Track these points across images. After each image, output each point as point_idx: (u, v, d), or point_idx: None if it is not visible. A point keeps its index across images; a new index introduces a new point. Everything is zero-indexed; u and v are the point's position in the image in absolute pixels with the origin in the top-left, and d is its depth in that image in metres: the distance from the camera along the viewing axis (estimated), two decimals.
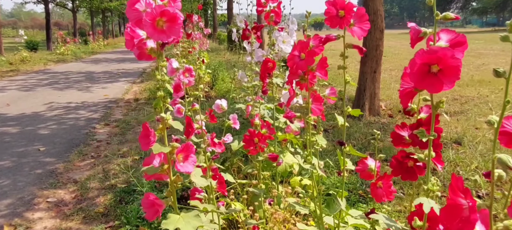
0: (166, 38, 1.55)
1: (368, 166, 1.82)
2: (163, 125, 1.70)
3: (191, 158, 1.74)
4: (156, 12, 1.51)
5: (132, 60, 21.24)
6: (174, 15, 1.53)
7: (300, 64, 1.81)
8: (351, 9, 1.69)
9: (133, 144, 5.75)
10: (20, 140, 6.15)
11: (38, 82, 12.90)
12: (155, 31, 1.53)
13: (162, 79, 1.66)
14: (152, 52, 1.64)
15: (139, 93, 10.38)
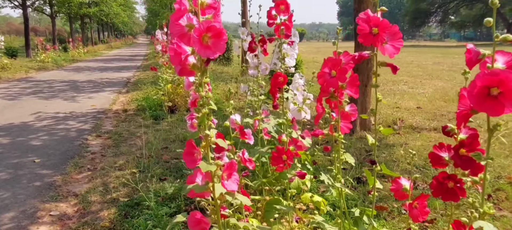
0: (212, 54, 1.59)
1: (402, 186, 1.88)
2: (206, 142, 1.74)
3: (234, 176, 1.79)
4: (203, 28, 1.56)
5: (114, 69, 21.18)
6: (220, 30, 1.58)
7: (331, 82, 1.86)
8: (386, 26, 1.72)
9: (129, 157, 5.77)
10: (13, 151, 6.14)
11: (21, 90, 12.83)
12: (202, 46, 1.58)
13: (206, 96, 1.71)
14: (194, 68, 1.68)
15: (127, 103, 10.37)
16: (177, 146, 6.14)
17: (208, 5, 1.66)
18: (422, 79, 14.66)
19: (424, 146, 5.84)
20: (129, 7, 66.66)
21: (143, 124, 7.69)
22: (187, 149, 1.73)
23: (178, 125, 7.48)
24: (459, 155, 1.54)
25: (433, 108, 8.78)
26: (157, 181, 4.72)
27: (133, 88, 13.44)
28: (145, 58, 31.09)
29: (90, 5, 43.15)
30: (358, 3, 6.39)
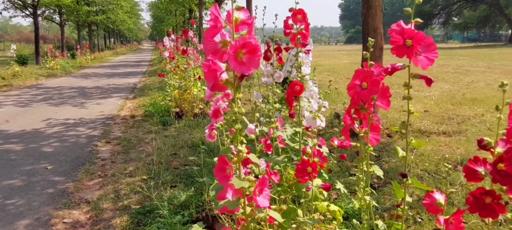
0: (247, 70, 1.56)
1: (436, 200, 1.81)
2: (239, 158, 1.72)
3: (265, 192, 1.76)
4: (239, 44, 1.54)
5: (121, 75, 21.19)
6: (255, 47, 1.55)
7: (363, 94, 1.83)
8: (420, 38, 1.68)
9: (139, 163, 5.75)
10: (26, 158, 6.13)
11: (32, 97, 12.84)
12: (237, 63, 1.55)
13: (239, 112, 1.69)
14: (227, 84, 1.66)
15: (134, 109, 10.35)
16: (186, 152, 6.11)
17: (242, 21, 1.63)
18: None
19: (434, 151, 5.69)
20: (135, 14, 66.98)
21: (151, 130, 7.67)
22: (219, 165, 1.70)
23: (185, 131, 7.44)
24: (498, 170, 1.50)
25: (440, 111, 8.57)
26: (168, 188, 4.70)
27: (139, 94, 13.44)
28: (150, 64, 31.07)
29: (97, 13, 43.33)
30: (366, 8, 6.32)
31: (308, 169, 2.30)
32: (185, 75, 9.29)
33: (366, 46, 6.54)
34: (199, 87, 9.12)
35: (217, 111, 2.71)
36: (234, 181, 1.65)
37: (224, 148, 1.77)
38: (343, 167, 5.03)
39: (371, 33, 6.25)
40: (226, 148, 1.75)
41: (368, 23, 6.30)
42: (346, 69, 20.06)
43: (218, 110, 2.71)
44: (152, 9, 60.11)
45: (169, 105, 9.05)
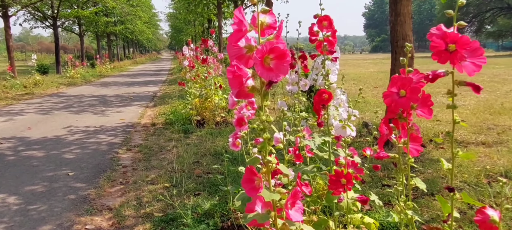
0: (275, 76, 1.46)
1: (489, 216, 1.64)
2: (267, 169, 1.61)
3: (298, 205, 1.64)
4: (266, 49, 1.43)
5: (140, 84, 21.22)
6: (284, 52, 1.45)
7: (401, 102, 1.72)
8: (465, 42, 1.55)
9: (160, 171, 5.66)
10: (48, 164, 6.07)
11: (53, 105, 12.86)
12: (264, 69, 1.45)
13: (267, 120, 1.58)
14: (253, 91, 1.55)
15: (155, 117, 10.29)
16: (208, 161, 6.01)
17: (268, 25, 1.53)
18: (462, 90, 13.82)
19: (473, 162, 5.39)
20: (153, 24, 67.44)
21: (172, 138, 7.59)
22: (246, 176, 1.59)
23: (207, 139, 7.35)
24: None
25: (477, 121, 8.19)
26: (191, 196, 4.59)
27: (160, 102, 13.40)
28: (170, 72, 31.12)
29: (116, 23, 43.67)
30: (395, 16, 6.13)
31: (342, 181, 2.18)
32: (205, 83, 9.22)
33: (395, 54, 6.34)
34: (220, 95, 9.05)
35: (241, 120, 2.61)
36: (264, 194, 1.54)
37: (252, 158, 1.66)
38: (375, 178, 4.88)
39: (400, 41, 6.05)
40: (253, 158, 1.64)
41: (397, 31, 6.09)
42: (373, 77, 19.85)
43: (242, 119, 2.61)
44: (170, 20, 60.49)
45: (190, 113, 8.96)
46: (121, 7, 33.71)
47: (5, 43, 21.49)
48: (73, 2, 32.55)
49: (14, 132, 8.52)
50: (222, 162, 5.90)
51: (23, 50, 77.68)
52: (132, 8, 40.77)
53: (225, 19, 30.11)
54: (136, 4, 44.22)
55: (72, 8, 32.03)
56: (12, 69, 19.54)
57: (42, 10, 28.55)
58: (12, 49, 20.98)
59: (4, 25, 20.70)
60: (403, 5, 6.06)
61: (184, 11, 34.16)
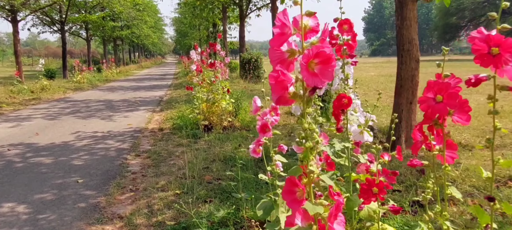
0: (320, 82, 1.38)
1: None
2: (309, 180, 1.50)
3: (340, 217, 1.54)
4: (312, 53, 1.34)
5: (146, 88, 21.18)
6: (329, 56, 1.36)
7: (438, 108, 1.62)
8: (509, 46, 1.46)
9: (170, 177, 5.56)
10: (57, 171, 5.98)
11: (60, 110, 12.80)
12: (309, 74, 1.36)
13: (310, 128, 1.47)
14: (295, 97, 1.45)
15: (162, 122, 10.21)
16: (218, 166, 5.91)
17: (311, 29, 1.44)
18: (462, 93, 14.07)
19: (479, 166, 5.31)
20: (159, 29, 67.48)
21: (180, 143, 7.51)
22: (287, 187, 1.49)
23: (216, 144, 7.26)
24: None
25: (480, 124, 8.21)
26: (203, 203, 4.49)
27: (166, 106, 13.32)
28: (175, 77, 31.11)
29: (122, 28, 43.68)
30: (400, 20, 6.02)
31: (374, 190, 2.07)
32: (212, 87, 9.13)
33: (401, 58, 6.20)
34: (227, 100, 8.95)
35: (265, 126, 2.52)
36: (307, 206, 1.44)
37: (294, 168, 1.56)
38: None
39: (406, 45, 5.97)
40: (295, 168, 1.54)
41: (403, 35, 6.00)
42: (374, 81, 19.79)
43: (266, 125, 2.52)
44: (175, 24, 60.52)
45: (197, 118, 8.87)
46: (128, 11, 33.73)
47: (13, 47, 21.40)
48: (81, 7, 32.60)
49: (22, 138, 8.43)
50: (232, 167, 5.81)
51: (30, 55, 77.81)
52: (138, 13, 40.81)
53: (230, 24, 30.08)
54: (142, 8, 44.29)
55: (80, 12, 32.07)
56: (20, 74, 19.49)
57: (51, 15, 28.54)
58: (20, 54, 20.93)
59: (13, 30, 20.66)
60: (409, 9, 5.97)
61: (190, 15, 34.13)
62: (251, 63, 20.41)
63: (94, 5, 32.75)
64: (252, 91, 15.74)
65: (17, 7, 19.98)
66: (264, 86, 9.33)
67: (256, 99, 2.59)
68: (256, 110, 2.59)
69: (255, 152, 2.67)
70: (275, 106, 2.60)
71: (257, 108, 2.58)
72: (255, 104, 2.57)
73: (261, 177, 2.93)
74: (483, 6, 67.44)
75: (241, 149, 6.82)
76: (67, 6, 26.71)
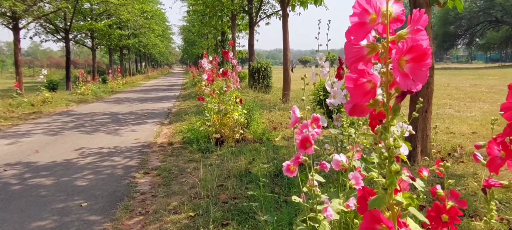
0: (413, 85, 1.08)
1: None
2: (393, 213, 1.18)
3: None
4: (406, 48, 1.03)
5: (154, 99, 20.99)
6: (425, 52, 1.04)
7: None
8: None
9: (182, 197, 5.26)
10: (58, 194, 5.66)
11: (63, 125, 12.53)
12: (401, 75, 1.06)
13: (396, 145, 1.15)
14: (375, 105, 1.14)
15: (171, 136, 9.93)
16: (233, 184, 5.60)
17: (396, 18, 1.12)
18: (465, 101, 14.30)
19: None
20: (166, 38, 67.72)
21: (192, 159, 7.23)
22: (367, 223, 1.17)
23: (229, 159, 6.96)
24: None
25: (489, 133, 8.07)
26: (219, 227, 4.17)
27: (175, 119, 13.08)
28: (183, 87, 30.96)
29: (129, 36, 43.73)
30: None
31: (444, 217, 1.72)
32: (224, 98, 8.85)
33: None
34: (240, 111, 8.67)
35: (306, 141, 2.19)
36: None
37: (376, 197, 1.22)
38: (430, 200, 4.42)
39: None
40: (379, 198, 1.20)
41: None
42: None
43: (307, 139, 2.19)
44: (183, 33, 60.67)
45: (209, 130, 8.59)
46: (135, 19, 33.68)
47: (14, 57, 21.17)
48: (87, 14, 32.53)
49: (20, 156, 8.10)
50: (248, 184, 5.54)
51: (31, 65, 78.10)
52: (146, 21, 40.82)
53: (239, 32, 30.00)
54: (150, 16, 44.31)
55: (86, 20, 32.00)
56: (20, 85, 19.16)
57: (55, 23, 28.43)
58: (20, 64, 20.64)
59: (14, 38, 20.33)
60: None
61: (198, 23, 34.20)
62: (260, 72, 20.28)
63: (101, 13, 32.70)
64: (262, 101, 15.51)
65: (19, 14, 19.75)
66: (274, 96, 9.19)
67: (295, 109, 2.28)
68: (295, 121, 2.27)
69: (289, 171, 2.34)
70: (317, 117, 2.28)
71: (296, 120, 2.26)
72: (295, 115, 2.25)
73: (294, 199, 2.60)
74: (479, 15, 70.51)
75: (255, 163, 6.54)
76: (72, 13, 26.58)
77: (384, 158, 1.17)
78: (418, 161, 6.14)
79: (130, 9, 29.75)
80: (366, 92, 1.11)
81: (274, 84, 21.35)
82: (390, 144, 1.15)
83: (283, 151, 7.29)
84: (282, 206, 4.66)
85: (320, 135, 2.32)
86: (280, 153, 7.18)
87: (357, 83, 1.10)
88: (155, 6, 48.96)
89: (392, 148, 1.14)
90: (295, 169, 2.33)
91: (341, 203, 2.53)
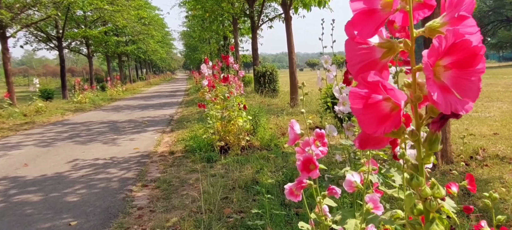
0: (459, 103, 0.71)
1: None
2: None
3: None
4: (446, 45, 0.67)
5: (155, 106, 20.76)
6: (475, 51, 0.68)
7: None
8: None
9: (183, 212, 4.93)
10: (45, 212, 5.31)
11: (57, 135, 12.22)
12: (438, 88, 0.68)
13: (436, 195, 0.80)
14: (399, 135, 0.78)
15: (173, 144, 9.62)
16: (239, 196, 5.27)
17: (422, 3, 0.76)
18: (482, 101, 14.00)
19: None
20: (167, 44, 67.86)
21: (194, 169, 6.91)
22: None
23: (234, 169, 6.65)
24: None
25: (511, 134, 7.98)
26: None
27: (177, 126, 12.78)
28: (186, 93, 30.74)
29: (127, 43, 43.67)
30: None
31: None
32: (227, 104, 8.55)
33: None
34: (244, 117, 8.38)
35: (308, 162, 1.85)
36: None
37: None
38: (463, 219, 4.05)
39: None
40: None
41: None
42: None
43: (311, 160, 1.84)
44: (184, 38, 60.71)
45: (212, 138, 8.29)
46: (132, 26, 33.45)
47: (3, 66, 20.97)
48: (80, 22, 32.36)
49: (7, 170, 7.75)
50: (255, 196, 5.21)
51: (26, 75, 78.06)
52: (144, 27, 40.65)
53: (241, 36, 29.88)
54: (148, 22, 44.19)
55: (79, 27, 31.82)
56: (11, 95, 18.93)
57: (46, 31, 28.21)
58: (10, 74, 20.45)
59: (2, 47, 20.11)
60: None
61: (199, 29, 34.09)
62: (266, 76, 20.05)
63: (95, 20, 32.52)
64: (269, 106, 15.23)
65: (6, 22, 19.46)
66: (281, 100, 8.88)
67: (294, 124, 1.92)
68: (295, 139, 1.91)
69: (292, 195, 1.98)
70: (321, 133, 1.94)
71: (296, 137, 1.90)
72: (293, 132, 1.89)
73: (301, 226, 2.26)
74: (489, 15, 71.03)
75: (263, 172, 6.23)
76: (64, 20, 26.35)
77: (419, 213, 0.82)
78: (439, 166, 5.91)
79: (126, 15, 29.52)
80: (383, 116, 0.75)
81: (281, 88, 21.08)
82: (428, 193, 0.80)
83: (293, 158, 6.96)
84: (293, 219, 4.35)
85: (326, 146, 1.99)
86: (290, 160, 6.87)
87: (369, 102, 0.74)
88: (153, 12, 49.00)
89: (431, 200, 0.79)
90: (299, 193, 1.99)
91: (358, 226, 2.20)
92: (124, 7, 29.19)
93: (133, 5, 31.86)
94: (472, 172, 5.51)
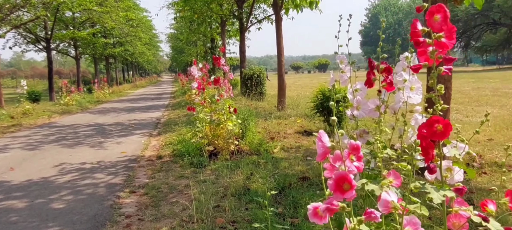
0: None
1: None
2: None
3: None
4: None
5: (141, 109, 20.48)
6: None
7: None
8: None
9: (173, 221, 4.69)
10: (30, 219, 5.04)
11: (43, 138, 11.91)
12: None
13: None
14: None
15: (160, 148, 9.35)
16: (231, 204, 5.03)
17: None
18: (472, 106, 13.93)
19: None
20: (154, 46, 67.52)
21: (183, 174, 6.67)
22: None
23: (225, 174, 6.40)
24: None
25: (506, 139, 7.85)
26: None
27: (164, 129, 12.52)
28: (172, 96, 30.46)
29: (115, 45, 43.35)
30: None
31: None
32: (216, 107, 8.30)
33: None
34: (234, 121, 8.13)
35: (343, 180, 1.58)
36: None
37: None
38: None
39: None
40: None
41: None
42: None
43: (346, 178, 1.58)
44: (171, 40, 60.40)
45: (201, 142, 8.03)
46: (120, 28, 33.17)
47: None
48: (69, 23, 31.98)
49: None
50: (248, 204, 4.98)
51: (14, 76, 77.02)
52: (132, 29, 40.35)
53: (229, 38, 29.65)
54: (136, 24, 43.90)
55: (68, 29, 31.46)
56: None
57: (35, 32, 27.80)
58: None
59: None
60: None
61: (186, 31, 33.86)
62: (253, 79, 19.79)
63: (83, 21, 32.19)
64: (257, 109, 15.00)
65: None
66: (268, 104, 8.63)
67: (322, 135, 1.65)
68: (325, 153, 1.64)
69: (316, 217, 1.71)
70: (356, 146, 1.68)
71: (326, 151, 1.63)
72: (322, 145, 1.62)
73: None
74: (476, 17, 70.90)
75: (254, 179, 6.04)
76: (53, 21, 25.98)
77: None
78: None
79: (115, 17, 29.18)
80: None
81: (267, 91, 20.85)
82: None
83: (284, 164, 6.75)
84: None
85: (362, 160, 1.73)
86: (281, 166, 6.64)
87: None
88: (141, 14, 48.73)
89: None
90: (326, 216, 1.70)
91: None
92: (113, 8, 28.92)
93: (121, 6, 31.60)
94: (472, 180, 5.32)
